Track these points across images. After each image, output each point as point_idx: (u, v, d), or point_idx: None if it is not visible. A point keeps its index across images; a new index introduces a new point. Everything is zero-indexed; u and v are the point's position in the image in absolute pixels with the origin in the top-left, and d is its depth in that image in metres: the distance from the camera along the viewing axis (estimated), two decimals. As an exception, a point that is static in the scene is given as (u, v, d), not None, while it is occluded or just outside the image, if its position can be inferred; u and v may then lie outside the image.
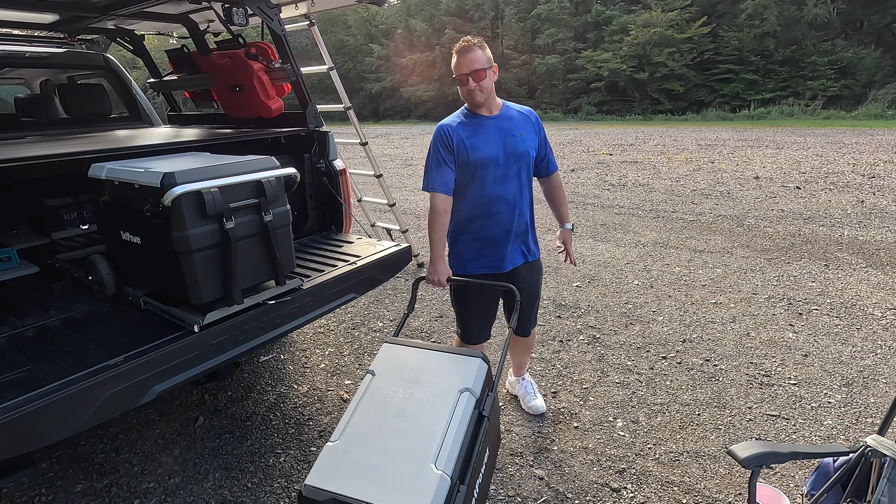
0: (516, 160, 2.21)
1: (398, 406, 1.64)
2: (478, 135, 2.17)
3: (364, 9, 28.36)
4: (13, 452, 1.43)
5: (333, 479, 1.45)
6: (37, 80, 4.28)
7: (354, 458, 1.51)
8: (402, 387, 1.70)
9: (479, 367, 1.73)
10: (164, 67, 3.69)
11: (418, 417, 1.59)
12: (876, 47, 21.08)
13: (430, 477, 1.42)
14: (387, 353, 1.87)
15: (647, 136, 15.27)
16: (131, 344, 1.74)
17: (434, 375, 1.73)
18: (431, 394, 1.66)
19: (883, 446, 1.39)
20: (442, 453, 1.48)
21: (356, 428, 1.60)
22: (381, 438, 1.55)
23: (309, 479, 1.46)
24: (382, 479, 1.44)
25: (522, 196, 2.26)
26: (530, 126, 2.26)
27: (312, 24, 4.21)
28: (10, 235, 2.69)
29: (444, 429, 1.54)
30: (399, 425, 1.58)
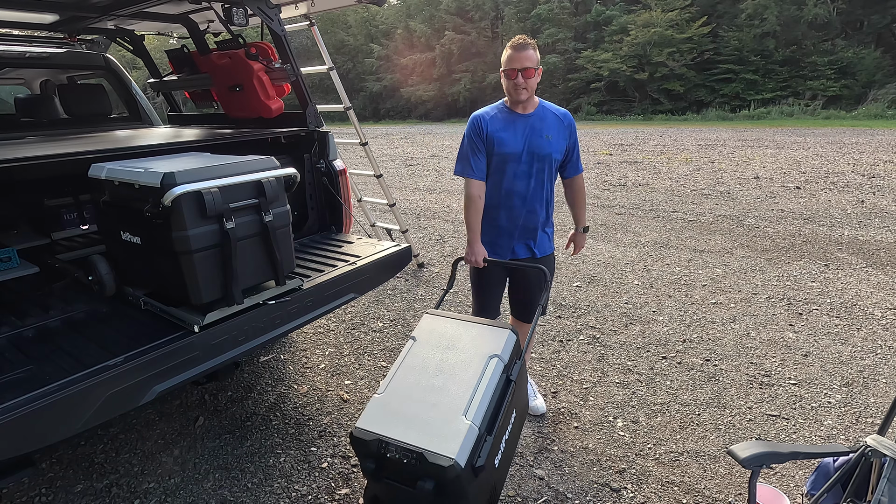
0: (538, 160, 2.29)
1: (435, 367, 1.86)
2: (507, 130, 2.27)
3: (364, 9, 28.37)
4: (13, 452, 1.43)
5: (378, 424, 1.70)
6: (37, 81, 4.28)
7: (396, 408, 1.75)
8: (440, 351, 1.92)
9: (508, 338, 1.92)
10: (164, 67, 3.69)
11: (452, 377, 1.80)
12: (876, 47, 21.08)
13: (461, 426, 1.63)
14: (427, 322, 2.08)
15: (647, 136, 15.27)
16: (131, 344, 1.74)
17: (468, 343, 1.93)
18: (465, 358, 1.87)
19: (883, 446, 1.39)
20: (471, 407, 1.68)
21: (398, 384, 1.83)
22: (419, 393, 1.77)
23: (359, 424, 1.72)
24: (419, 425, 1.66)
25: (538, 195, 2.34)
26: (561, 129, 2.33)
27: (312, 24, 4.21)
28: (10, 235, 2.69)
29: (474, 387, 1.75)
30: (435, 383, 1.80)
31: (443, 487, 1.58)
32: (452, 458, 1.56)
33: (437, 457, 1.56)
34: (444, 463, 1.55)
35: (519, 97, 2.23)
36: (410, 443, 1.61)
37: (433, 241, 5.86)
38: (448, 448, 1.58)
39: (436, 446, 1.59)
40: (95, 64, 3.89)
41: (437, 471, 1.56)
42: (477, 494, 1.65)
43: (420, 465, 1.58)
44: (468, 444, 1.60)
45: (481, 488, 1.68)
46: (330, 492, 2.21)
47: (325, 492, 2.21)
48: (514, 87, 2.20)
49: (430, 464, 1.56)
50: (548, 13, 26.58)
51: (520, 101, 2.26)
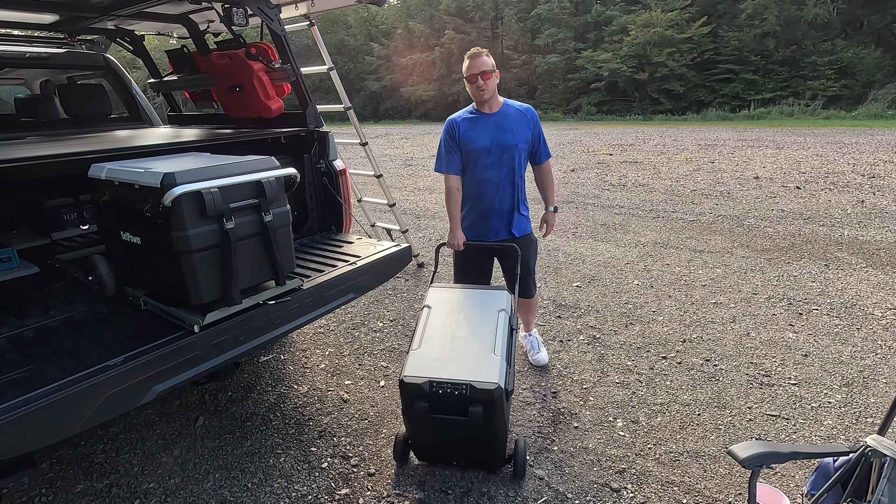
0: (506, 150, 2.64)
1: (455, 324, 2.27)
2: (475, 129, 2.64)
3: (364, 9, 28.36)
4: (13, 453, 1.43)
5: (424, 370, 2.04)
6: (37, 81, 4.28)
7: (435, 356, 2.11)
8: (454, 312, 2.35)
9: (506, 296, 2.42)
10: (164, 67, 3.69)
11: (473, 329, 2.24)
12: (876, 47, 21.08)
13: (494, 360, 2.08)
14: (435, 293, 2.49)
15: (647, 136, 15.28)
16: (131, 344, 1.74)
17: (476, 303, 2.39)
18: (479, 314, 2.32)
19: (883, 446, 1.39)
20: (497, 347, 2.14)
21: (429, 340, 2.20)
22: (450, 343, 2.18)
23: (405, 374, 2.04)
24: (461, 365, 2.05)
25: (509, 181, 2.69)
26: (524, 122, 2.67)
27: (312, 24, 4.21)
28: (10, 235, 2.69)
29: (494, 333, 2.20)
30: (461, 334, 2.21)
31: (490, 409, 1.95)
32: (497, 382, 1.97)
33: (483, 384, 1.96)
34: (491, 387, 1.95)
35: (482, 97, 2.60)
36: (459, 378, 1.98)
37: (433, 241, 5.86)
38: (491, 376, 1.99)
39: (480, 377, 1.99)
40: (95, 64, 3.89)
41: (485, 395, 1.94)
42: (507, 416, 2.10)
43: (470, 393, 1.96)
44: (503, 373, 2.03)
45: (508, 412, 2.13)
46: (330, 492, 2.21)
47: (325, 492, 2.21)
48: (477, 89, 2.57)
49: (479, 391, 1.95)
50: (548, 13, 26.58)
51: (484, 101, 2.62)
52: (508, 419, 2.18)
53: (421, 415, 2.00)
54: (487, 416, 1.96)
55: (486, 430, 2.02)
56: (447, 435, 2.10)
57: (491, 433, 2.04)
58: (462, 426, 1.99)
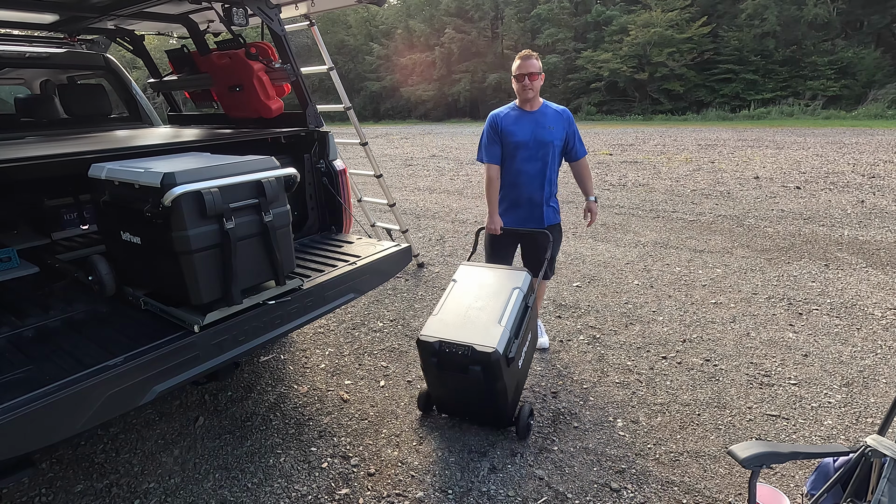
0: (542, 146, 2.89)
1: (474, 296, 2.56)
2: (516, 124, 2.89)
3: (364, 9, 28.36)
4: (13, 452, 1.43)
5: (437, 332, 2.38)
6: (37, 81, 4.27)
7: (449, 321, 2.44)
8: (476, 287, 2.63)
9: (525, 276, 2.64)
10: (164, 67, 3.69)
11: (488, 301, 2.50)
12: (876, 47, 21.07)
13: (497, 328, 2.33)
14: (463, 269, 2.79)
15: (647, 136, 15.27)
16: (131, 344, 1.74)
17: (496, 281, 2.64)
18: (496, 290, 2.57)
19: (883, 446, 1.39)
20: (503, 318, 2.38)
21: (448, 307, 2.53)
22: (464, 311, 2.48)
23: (422, 333, 2.40)
24: (469, 330, 2.35)
25: (543, 174, 2.93)
26: (561, 122, 2.93)
27: (312, 24, 4.21)
28: (10, 235, 2.69)
29: (504, 306, 2.44)
30: (476, 305, 2.50)
31: (487, 370, 2.23)
32: (494, 346, 2.23)
33: (483, 348, 2.24)
34: (489, 351, 2.22)
35: (527, 96, 2.85)
36: (463, 341, 2.29)
37: (433, 241, 5.86)
38: (490, 342, 2.25)
39: (480, 341, 2.27)
40: (95, 64, 3.89)
41: (483, 357, 2.22)
42: (508, 380, 2.32)
43: (471, 354, 2.25)
44: (503, 340, 2.27)
45: (510, 377, 2.34)
46: (330, 492, 2.21)
47: (325, 492, 2.21)
48: (523, 88, 2.82)
49: (478, 353, 2.23)
50: (548, 13, 26.57)
51: (527, 100, 2.87)
52: (513, 384, 2.41)
53: (433, 369, 2.39)
54: (486, 377, 2.25)
55: (486, 389, 2.32)
56: (455, 389, 2.46)
57: (491, 392, 2.32)
58: (465, 382, 2.33)
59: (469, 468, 2.31)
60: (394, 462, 2.37)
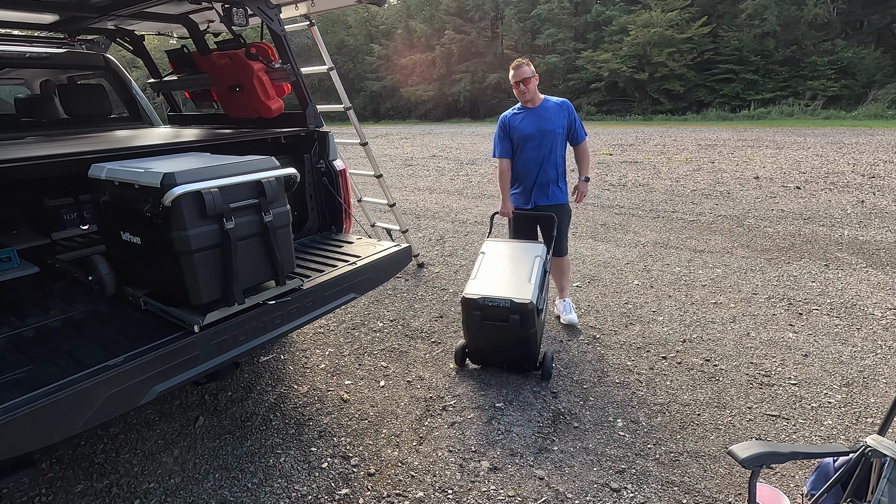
0: (546, 135, 3.35)
1: (502, 263, 3.12)
2: (522, 121, 3.37)
3: (364, 9, 28.36)
4: (13, 452, 1.43)
5: (479, 291, 2.91)
6: (37, 81, 4.27)
7: (487, 283, 2.97)
8: (503, 256, 3.19)
9: (542, 247, 3.21)
10: (164, 67, 3.69)
11: (516, 267, 3.06)
12: (876, 47, 21.06)
13: (528, 285, 2.89)
14: (489, 244, 3.31)
15: (647, 136, 15.27)
16: (131, 344, 1.74)
17: (520, 251, 3.21)
18: (520, 258, 3.13)
19: (883, 446, 1.39)
20: (532, 277, 2.95)
21: (483, 272, 3.07)
22: (498, 275, 3.03)
23: (465, 292, 2.93)
24: (505, 288, 2.89)
25: (548, 159, 3.39)
26: (561, 112, 3.38)
27: (312, 24, 4.21)
28: (10, 235, 2.69)
29: (531, 269, 3.01)
30: (507, 269, 3.06)
31: (523, 318, 2.76)
32: (529, 298, 2.79)
33: (520, 300, 2.78)
34: (525, 302, 2.77)
35: (524, 98, 3.33)
36: (503, 295, 2.82)
37: (433, 241, 5.86)
38: (525, 295, 2.81)
39: (518, 295, 2.81)
40: (95, 64, 3.89)
41: (520, 307, 2.76)
42: (538, 330, 2.89)
43: (511, 306, 2.78)
44: (535, 294, 2.82)
45: (539, 327, 2.91)
46: (330, 492, 2.21)
47: (325, 492, 2.21)
48: (520, 92, 3.31)
49: (517, 304, 2.77)
50: (548, 13, 26.56)
51: (527, 101, 3.35)
52: (541, 333, 2.99)
53: (475, 321, 2.88)
54: (522, 323, 2.77)
55: (521, 335, 2.82)
56: (494, 338, 2.92)
57: (525, 338, 2.83)
58: (504, 331, 2.82)
59: (469, 468, 2.31)
60: (394, 462, 2.37)
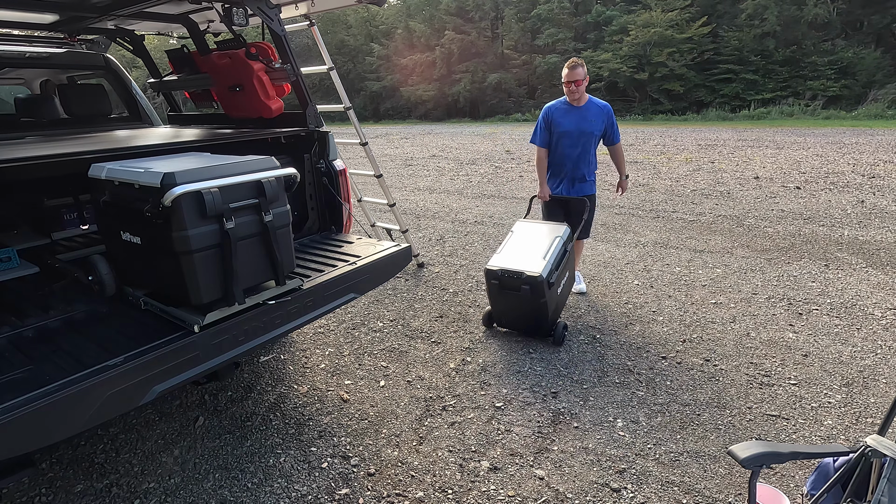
0: (584, 135, 3.68)
1: (526, 240, 3.46)
2: (564, 117, 3.69)
3: (364, 9, 28.36)
4: (13, 452, 1.43)
5: (498, 263, 3.30)
6: (37, 81, 4.27)
7: (508, 257, 3.34)
8: (528, 235, 3.52)
9: (565, 229, 3.49)
10: (164, 67, 3.69)
11: (536, 244, 3.39)
12: (876, 47, 21.06)
13: (541, 260, 3.22)
14: (519, 224, 3.67)
15: (647, 136, 15.27)
16: (131, 344, 1.74)
17: (544, 231, 3.52)
18: (542, 237, 3.45)
19: (883, 446, 1.39)
20: (547, 255, 3.26)
21: (508, 248, 3.43)
22: (519, 250, 3.38)
23: (488, 265, 3.32)
24: (521, 262, 3.25)
25: (583, 157, 3.74)
26: (600, 115, 3.69)
27: (312, 24, 4.21)
28: (10, 235, 2.69)
29: (548, 247, 3.32)
30: (528, 246, 3.40)
31: (533, 289, 3.11)
32: (539, 272, 3.12)
33: (531, 272, 3.13)
34: (535, 274, 3.11)
35: (573, 97, 3.63)
36: (517, 268, 3.19)
37: (433, 241, 5.86)
38: (536, 269, 3.15)
39: (529, 267, 3.17)
40: (95, 64, 3.89)
41: (530, 279, 3.11)
42: (549, 300, 3.18)
43: (522, 277, 3.14)
44: (546, 269, 3.15)
45: (551, 297, 3.21)
46: (330, 492, 2.21)
47: (325, 492, 2.21)
48: (570, 92, 3.60)
49: (527, 276, 3.13)
50: (548, 13, 26.56)
51: (574, 100, 3.65)
52: (553, 304, 3.26)
53: (495, 290, 3.32)
54: (532, 294, 3.12)
55: (533, 303, 3.17)
56: (509, 305, 3.33)
57: (537, 307, 3.18)
58: (517, 299, 3.20)
59: (469, 468, 2.31)
60: (394, 462, 2.37)
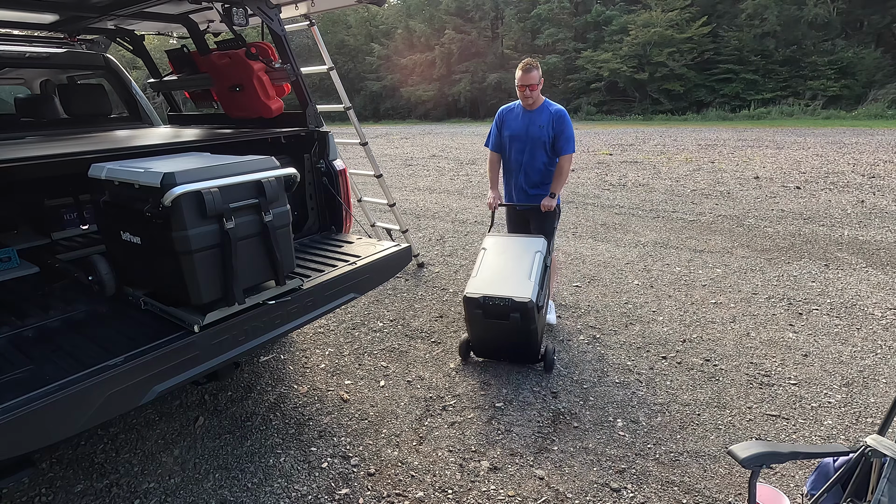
0: (531, 141, 3.37)
1: (503, 259, 3.09)
2: (514, 120, 3.44)
3: (364, 9, 28.34)
4: (13, 452, 1.43)
5: (480, 289, 2.90)
6: (37, 81, 4.27)
7: (488, 280, 2.95)
8: (503, 252, 3.15)
9: (542, 241, 3.15)
10: (164, 67, 3.69)
11: (516, 263, 3.03)
12: (876, 47, 21.07)
13: (528, 283, 2.88)
14: (489, 239, 3.28)
15: (647, 136, 15.27)
16: (131, 344, 1.74)
17: (520, 246, 3.16)
18: (521, 252, 3.10)
19: (883, 446, 1.39)
20: (532, 274, 2.92)
21: (484, 270, 3.04)
22: (499, 271, 3.01)
23: (467, 292, 2.90)
24: (505, 286, 2.88)
25: (532, 164, 3.42)
26: (551, 121, 3.34)
27: (312, 24, 4.20)
28: (10, 235, 2.69)
29: (531, 265, 2.98)
30: (507, 266, 3.03)
31: (524, 316, 2.77)
32: (529, 297, 2.77)
33: (520, 298, 2.77)
34: (525, 300, 2.76)
35: (526, 102, 3.36)
36: (503, 294, 2.82)
37: (433, 241, 5.86)
38: (525, 293, 2.80)
39: (518, 293, 2.80)
40: (95, 64, 3.89)
41: (520, 306, 2.76)
42: (537, 324, 2.87)
43: (510, 304, 2.78)
44: (534, 292, 2.82)
45: (539, 322, 2.92)
46: (330, 492, 2.21)
47: (325, 492, 2.21)
48: (524, 96, 3.32)
49: (516, 302, 2.77)
50: (548, 13, 26.56)
51: (528, 105, 3.37)
52: (542, 328, 3.00)
53: (478, 319, 2.90)
54: (523, 321, 2.78)
55: (522, 331, 2.85)
56: (495, 335, 2.97)
57: (526, 333, 2.86)
58: (505, 328, 2.84)
59: (469, 468, 2.31)
60: (394, 462, 2.37)
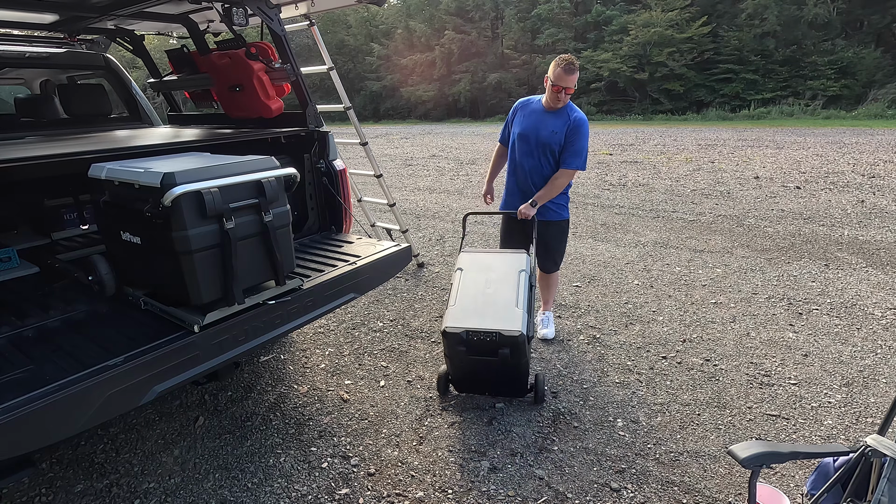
0: (540, 146, 3.01)
1: (484, 283, 2.69)
2: (528, 117, 3.05)
3: (364, 9, 28.34)
4: (13, 452, 1.43)
5: (461, 322, 2.50)
6: (37, 81, 4.27)
7: (469, 310, 2.56)
8: (483, 273, 2.75)
9: (526, 258, 2.79)
10: (164, 67, 3.69)
11: (499, 287, 2.65)
12: (876, 47, 21.07)
13: (517, 312, 2.52)
14: (465, 257, 2.88)
15: (647, 136, 15.27)
16: (131, 344, 1.74)
17: (501, 265, 2.77)
18: (503, 274, 2.71)
19: (883, 446, 1.39)
20: (518, 301, 2.56)
21: (463, 296, 2.63)
22: (481, 299, 2.61)
23: (445, 324, 2.51)
24: (490, 317, 2.51)
25: (538, 171, 3.06)
26: (565, 128, 2.97)
27: (312, 24, 4.20)
28: (10, 235, 2.69)
29: (516, 290, 2.61)
30: (489, 292, 2.64)
31: (514, 351, 2.45)
32: (519, 329, 2.44)
33: (509, 332, 2.43)
34: (515, 334, 2.42)
35: (556, 105, 2.95)
36: (489, 328, 2.45)
37: (433, 241, 5.86)
38: (514, 326, 2.45)
39: (507, 326, 2.45)
40: (95, 64, 3.89)
41: (511, 341, 2.43)
42: (528, 357, 2.60)
43: (499, 339, 2.43)
44: (524, 322, 2.48)
45: (527, 351, 2.58)
46: (330, 492, 2.21)
47: (325, 492, 2.21)
48: (556, 98, 2.91)
49: (506, 337, 2.43)
50: (548, 13, 26.57)
51: (553, 107, 2.97)
52: (530, 357, 2.67)
53: (461, 356, 2.53)
54: (513, 356, 2.47)
55: (512, 367, 2.54)
56: (481, 371, 2.63)
57: (516, 367, 2.57)
58: (492, 364, 2.51)
59: (469, 468, 2.31)
60: (394, 462, 2.37)
